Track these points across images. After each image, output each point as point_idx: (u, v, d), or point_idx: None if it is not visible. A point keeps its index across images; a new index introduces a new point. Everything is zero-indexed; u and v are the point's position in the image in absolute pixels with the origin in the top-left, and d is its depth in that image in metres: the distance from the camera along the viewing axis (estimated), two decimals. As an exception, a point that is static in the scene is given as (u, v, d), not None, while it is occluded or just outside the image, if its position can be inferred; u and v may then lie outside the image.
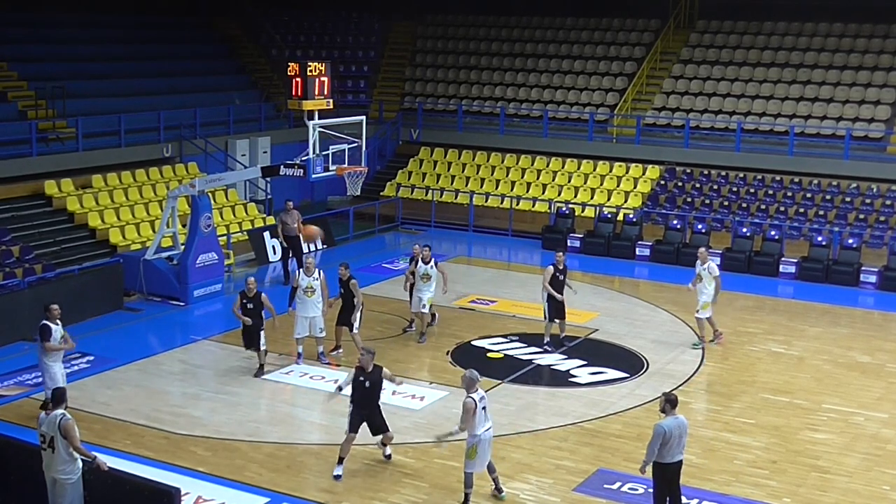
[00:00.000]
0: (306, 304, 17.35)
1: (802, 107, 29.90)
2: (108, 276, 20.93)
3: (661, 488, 11.63)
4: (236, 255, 24.52)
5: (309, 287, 17.31)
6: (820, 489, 13.32)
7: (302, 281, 17.36)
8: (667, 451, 11.38)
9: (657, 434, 11.34)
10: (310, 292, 17.32)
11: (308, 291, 17.32)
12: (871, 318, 21.97)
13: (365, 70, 36.32)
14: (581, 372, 17.52)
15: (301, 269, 17.66)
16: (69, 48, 29.61)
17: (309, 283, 17.33)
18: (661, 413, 11.51)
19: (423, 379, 16.99)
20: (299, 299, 17.38)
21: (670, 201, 28.45)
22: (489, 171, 31.53)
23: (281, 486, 13.03)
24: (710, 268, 18.81)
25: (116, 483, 11.09)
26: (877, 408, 16.27)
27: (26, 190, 23.97)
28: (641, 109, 31.55)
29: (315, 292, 17.36)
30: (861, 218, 26.45)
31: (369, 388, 13.24)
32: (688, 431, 11.67)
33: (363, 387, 13.23)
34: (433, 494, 12.88)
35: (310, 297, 17.33)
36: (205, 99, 30.47)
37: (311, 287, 17.33)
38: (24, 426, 14.05)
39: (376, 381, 13.31)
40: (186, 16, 34.95)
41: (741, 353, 18.91)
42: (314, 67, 19.57)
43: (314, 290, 17.35)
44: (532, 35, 35.52)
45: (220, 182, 23.63)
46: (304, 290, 17.33)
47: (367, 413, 13.33)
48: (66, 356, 17.56)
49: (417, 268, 18.83)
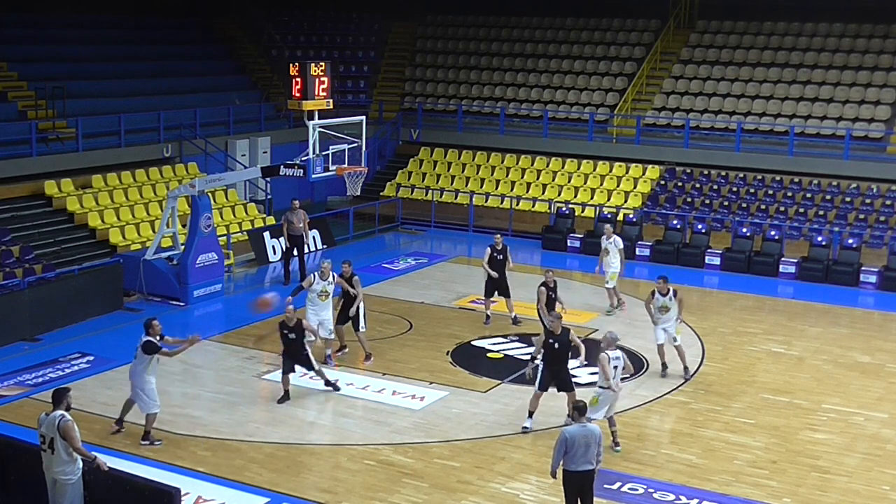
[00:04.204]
0: (318, 308, 17.23)
1: (802, 107, 29.90)
2: (107, 277, 20.93)
3: (569, 496, 11.44)
4: (236, 256, 24.52)
5: (324, 291, 17.19)
6: (820, 489, 13.32)
7: (317, 285, 17.19)
8: (571, 458, 11.19)
9: (559, 440, 11.25)
10: (324, 296, 17.20)
11: (322, 296, 17.19)
12: (871, 318, 21.98)
13: (365, 70, 36.33)
14: (581, 372, 17.48)
15: (317, 273, 17.39)
16: (69, 48, 29.61)
17: (324, 288, 17.19)
18: (570, 420, 11.43)
19: (423, 379, 16.98)
20: (312, 302, 17.22)
21: (670, 201, 28.45)
22: (489, 171, 31.54)
23: (281, 486, 13.03)
24: (615, 241, 20.85)
25: (116, 483, 11.08)
26: (877, 408, 16.27)
27: (26, 190, 23.98)
28: (641, 109, 31.56)
29: (329, 296, 17.28)
30: (861, 218, 26.45)
31: (558, 349, 14.65)
32: (601, 442, 11.34)
33: (553, 348, 14.66)
34: (433, 494, 12.89)
35: (323, 301, 17.21)
36: (205, 99, 30.47)
37: (326, 291, 17.21)
38: (25, 426, 14.04)
39: (564, 342, 14.67)
40: (186, 16, 34.93)
41: (741, 353, 18.92)
42: (314, 67, 19.58)
43: (328, 294, 17.25)
44: (532, 35, 35.53)
45: (220, 182, 23.64)
46: (318, 293, 17.17)
47: (556, 370, 14.70)
48: (66, 357, 17.74)
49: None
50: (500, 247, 19.97)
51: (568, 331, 14.84)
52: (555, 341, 14.67)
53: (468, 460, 13.88)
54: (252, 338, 18.12)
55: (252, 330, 19.18)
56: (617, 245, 20.89)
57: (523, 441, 14.60)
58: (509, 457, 14.01)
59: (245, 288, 23.37)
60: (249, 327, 19.36)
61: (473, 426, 15.06)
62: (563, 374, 14.82)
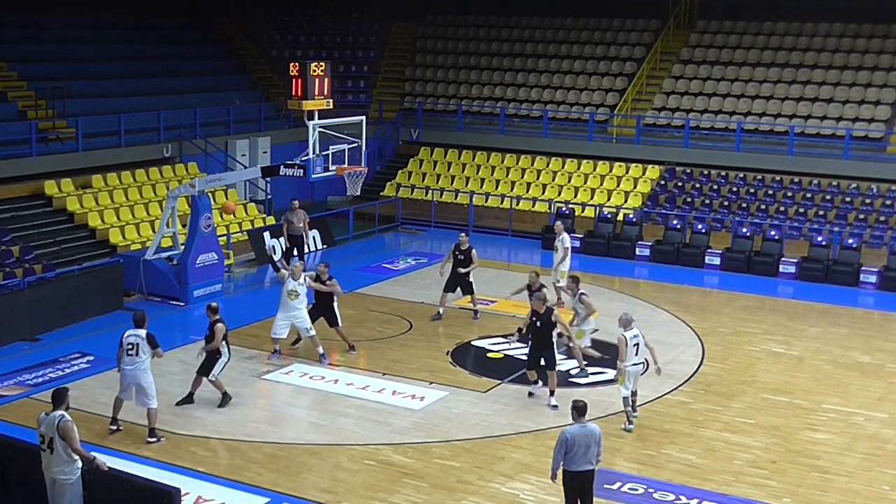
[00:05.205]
0: (288, 307, 17.40)
1: (802, 107, 29.90)
2: (107, 277, 20.92)
3: (569, 496, 11.44)
4: (236, 256, 24.52)
5: (293, 290, 17.34)
6: (820, 489, 13.32)
7: (288, 284, 17.39)
8: (571, 458, 11.21)
9: (559, 441, 11.25)
10: (293, 296, 17.35)
11: (291, 294, 17.34)
12: (871, 318, 21.97)
13: (365, 70, 36.33)
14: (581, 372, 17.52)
15: (289, 272, 17.62)
16: (69, 48, 29.61)
17: (294, 287, 17.35)
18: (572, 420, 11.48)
19: (423, 379, 16.98)
20: (283, 302, 17.44)
21: (670, 201, 28.45)
22: (489, 171, 31.54)
23: (281, 486, 13.03)
24: (563, 239, 20.96)
25: (116, 483, 11.07)
26: (877, 408, 16.27)
27: (26, 190, 23.98)
28: (641, 109, 31.56)
29: (299, 296, 17.39)
30: (861, 218, 26.45)
31: (541, 328, 15.52)
32: (601, 442, 11.39)
33: (535, 327, 15.55)
34: (433, 494, 12.88)
35: (293, 300, 17.35)
36: (205, 99, 30.48)
37: (296, 291, 17.36)
38: (25, 426, 14.03)
39: (547, 322, 15.50)
40: (186, 16, 34.94)
41: (741, 353, 18.91)
42: (314, 67, 19.57)
43: (298, 294, 17.38)
44: (532, 35, 35.53)
45: (220, 182, 23.62)
46: (288, 292, 17.36)
47: (540, 348, 15.60)
48: (66, 357, 17.73)
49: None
50: (465, 247, 20.11)
51: (551, 311, 15.70)
52: (538, 320, 15.56)
53: (468, 460, 13.88)
54: (250, 338, 18.21)
55: (252, 330, 19.20)
56: (563, 243, 20.96)
57: (523, 441, 14.60)
58: (509, 457, 14.01)
59: (245, 288, 23.38)
60: (249, 327, 19.38)
61: (473, 426, 15.06)
62: (547, 353, 15.61)
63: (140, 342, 14.09)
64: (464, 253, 20.14)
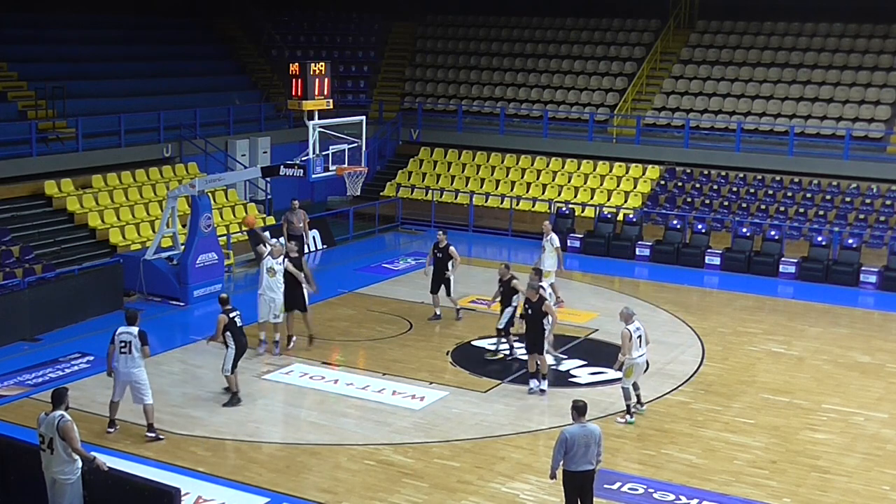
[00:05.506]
0: (265, 285, 17.78)
1: (802, 107, 29.90)
2: (107, 277, 20.92)
3: (569, 496, 11.43)
4: (236, 256, 24.52)
5: (272, 269, 17.75)
6: (820, 489, 13.32)
7: (267, 261, 17.83)
8: (571, 458, 11.20)
9: (559, 440, 11.25)
10: (272, 273, 17.74)
11: (270, 272, 17.74)
12: (871, 318, 21.97)
13: (365, 70, 36.33)
14: (581, 372, 17.53)
15: (268, 250, 18.04)
16: (69, 48, 29.60)
17: (272, 265, 17.76)
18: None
19: (423, 379, 16.98)
20: (260, 280, 17.87)
21: (670, 201, 28.45)
22: (489, 171, 31.54)
23: (281, 486, 13.02)
24: (551, 239, 20.95)
25: (116, 483, 11.07)
26: (877, 408, 16.27)
27: (26, 190, 23.98)
28: (641, 109, 31.56)
29: (277, 274, 17.75)
30: (861, 218, 26.44)
31: (532, 315, 16.18)
32: (601, 442, 11.37)
33: (526, 313, 16.32)
34: (433, 494, 12.88)
35: (271, 277, 17.73)
36: (205, 99, 30.47)
37: (274, 269, 17.76)
38: (25, 426, 14.03)
39: (536, 309, 16.17)
40: (186, 16, 34.93)
41: (741, 353, 18.91)
42: (314, 67, 19.57)
43: (275, 272, 17.75)
44: (532, 35, 35.53)
45: (220, 182, 23.63)
46: (267, 268, 17.77)
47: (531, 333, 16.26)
48: (66, 357, 17.73)
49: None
50: (443, 245, 20.20)
51: (543, 300, 16.30)
52: (529, 307, 16.29)
53: (468, 460, 13.88)
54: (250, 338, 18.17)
55: (251, 330, 19.17)
56: (552, 243, 20.93)
57: (523, 441, 14.60)
58: (509, 457, 14.01)
59: (245, 288, 23.33)
60: (249, 327, 19.33)
61: (473, 426, 15.06)
62: (536, 338, 16.28)
63: (132, 340, 14.13)
64: (442, 251, 20.20)
